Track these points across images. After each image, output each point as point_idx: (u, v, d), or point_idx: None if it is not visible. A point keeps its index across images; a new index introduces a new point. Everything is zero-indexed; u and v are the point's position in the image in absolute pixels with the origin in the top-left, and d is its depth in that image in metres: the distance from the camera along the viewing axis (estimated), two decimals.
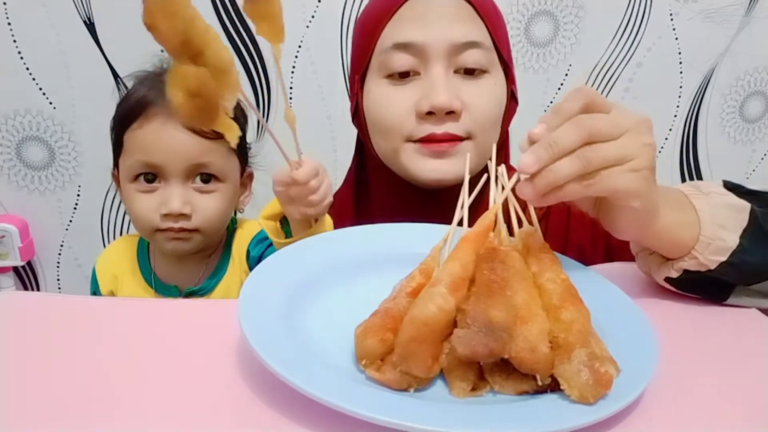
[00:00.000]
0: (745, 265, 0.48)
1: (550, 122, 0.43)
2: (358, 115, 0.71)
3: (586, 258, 0.67)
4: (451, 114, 0.63)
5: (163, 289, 0.84)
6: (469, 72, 0.64)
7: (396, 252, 0.53)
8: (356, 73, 0.70)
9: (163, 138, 0.74)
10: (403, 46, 0.63)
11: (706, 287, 0.51)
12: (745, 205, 0.49)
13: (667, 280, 0.51)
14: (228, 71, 0.49)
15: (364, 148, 0.75)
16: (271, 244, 0.82)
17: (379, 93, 0.65)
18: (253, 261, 0.83)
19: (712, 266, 0.48)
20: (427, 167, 0.64)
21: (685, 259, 0.49)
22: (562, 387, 0.37)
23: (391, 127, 0.65)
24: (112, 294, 0.85)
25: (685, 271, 0.49)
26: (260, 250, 0.83)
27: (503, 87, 0.67)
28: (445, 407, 0.37)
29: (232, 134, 0.51)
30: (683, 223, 0.48)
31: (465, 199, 0.57)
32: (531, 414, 0.36)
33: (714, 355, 0.46)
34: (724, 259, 0.48)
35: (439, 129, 0.63)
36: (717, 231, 0.48)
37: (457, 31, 0.62)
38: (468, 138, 0.64)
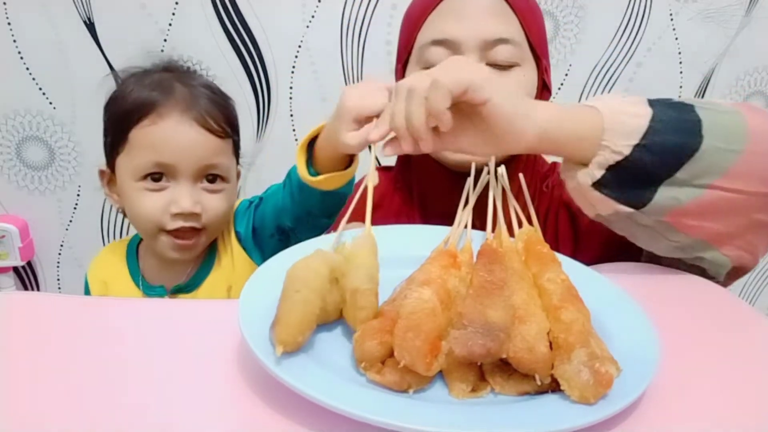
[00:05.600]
0: (657, 145, 0.50)
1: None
2: None
3: (549, 218, 0.72)
4: None
5: (149, 290, 0.84)
6: (500, 66, 0.67)
7: (396, 254, 0.53)
8: (399, 63, 0.75)
9: (176, 137, 0.74)
10: (439, 42, 0.67)
11: (630, 184, 0.51)
12: (641, 99, 0.53)
13: (596, 186, 0.52)
14: None
15: None
16: (257, 206, 0.82)
17: None
18: (246, 239, 0.83)
19: (627, 151, 0.50)
20: None
21: (599, 152, 0.51)
22: (562, 387, 0.37)
23: None
24: None
25: (608, 169, 0.51)
26: (247, 223, 0.82)
27: (533, 78, 0.70)
28: (445, 408, 0.37)
29: None
30: (584, 116, 0.52)
31: (471, 191, 0.58)
32: (531, 414, 0.36)
33: (715, 355, 0.46)
34: (636, 142, 0.50)
35: None
36: (619, 117, 0.51)
37: (489, 28, 0.66)
38: None
